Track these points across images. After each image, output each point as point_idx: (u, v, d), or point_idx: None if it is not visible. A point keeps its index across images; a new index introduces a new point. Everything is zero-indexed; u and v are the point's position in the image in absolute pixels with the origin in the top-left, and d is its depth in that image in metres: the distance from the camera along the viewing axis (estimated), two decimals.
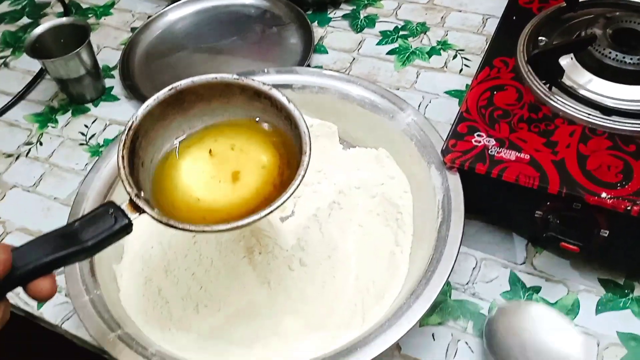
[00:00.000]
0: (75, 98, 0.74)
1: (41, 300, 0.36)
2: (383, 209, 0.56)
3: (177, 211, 0.41)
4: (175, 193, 0.42)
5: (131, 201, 0.38)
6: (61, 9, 0.88)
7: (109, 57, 0.79)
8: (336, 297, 0.51)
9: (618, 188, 0.45)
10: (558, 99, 0.52)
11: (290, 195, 0.38)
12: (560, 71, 0.53)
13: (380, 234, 0.54)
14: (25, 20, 0.89)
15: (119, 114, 0.72)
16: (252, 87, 0.43)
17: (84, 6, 0.88)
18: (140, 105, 0.72)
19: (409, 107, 0.56)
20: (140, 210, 0.38)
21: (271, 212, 0.38)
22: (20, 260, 0.34)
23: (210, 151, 0.44)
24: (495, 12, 0.73)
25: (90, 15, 0.87)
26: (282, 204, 0.38)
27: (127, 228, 0.38)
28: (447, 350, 0.49)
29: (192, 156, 0.44)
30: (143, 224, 0.55)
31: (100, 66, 0.75)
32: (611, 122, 0.50)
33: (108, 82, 0.76)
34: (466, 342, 0.49)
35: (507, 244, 0.54)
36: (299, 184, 0.39)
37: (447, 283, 0.52)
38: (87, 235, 0.36)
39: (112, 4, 0.88)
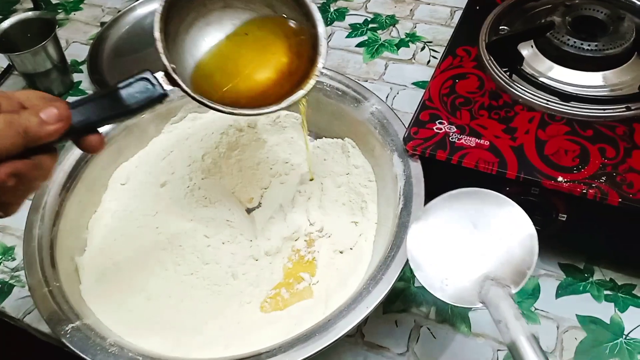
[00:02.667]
0: None
1: (91, 152, 0.40)
2: (348, 199, 0.56)
3: (196, 82, 0.44)
4: (198, 69, 0.45)
5: (167, 74, 0.40)
6: (31, 5, 0.87)
7: (78, 51, 0.79)
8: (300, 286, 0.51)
9: (574, 172, 0.46)
10: (518, 87, 0.52)
11: (296, 99, 0.43)
12: (520, 58, 0.53)
13: (345, 223, 0.55)
14: None
15: None
16: None
17: (54, 1, 0.88)
18: None
19: (373, 96, 0.56)
20: (174, 83, 0.40)
21: (281, 108, 0.43)
22: (75, 118, 0.37)
23: (227, 35, 0.46)
24: (464, 4, 0.74)
25: (60, 10, 0.86)
26: (294, 102, 0.43)
27: (163, 97, 0.40)
28: (409, 336, 0.49)
29: (210, 36, 0.46)
30: (106, 216, 0.55)
31: (69, 61, 0.74)
32: (569, 107, 0.50)
33: (76, 77, 0.75)
34: (428, 328, 0.49)
35: None
36: (312, 85, 0.43)
37: (410, 270, 0.52)
38: (129, 100, 0.39)
39: None
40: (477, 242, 0.42)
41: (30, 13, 0.72)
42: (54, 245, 0.50)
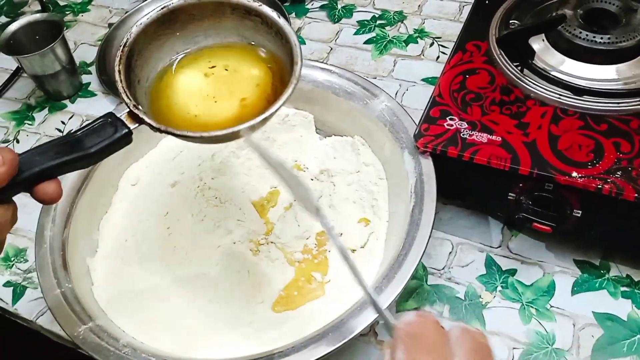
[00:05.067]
0: (52, 94, 0.73)
1: (48, 202, 0.37)
2: (359, 197, 0.55)
3: (175, 127, 0.41)
4: (171, 111, 0.42)
5: (130, 112, 0.39)
6: (39, 7, 0.88)
7: (86, 53, 0.79)
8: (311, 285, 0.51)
9: (589, 167, 0.45)
10: (530, 81, 0.51)
11: (285, 101, 0.39)
12: (531, 52, 0.52)
13: (355, 221, 0.54)
14: (3, 19, 0.88)
15: (95, 109, 0.71)
16: (242, 4, 0.43)
17: (62, 3, 0.88)
18: (117, 101, 0.72)
19: (382, 93, 0.56)
20: (139, 120, 0.39)
21: (268, 117, 0.39)
22: (26, 165, 0.35)
23: (204, 73, 0.44)
24: None
25: (67, 12, 0.86)
26: (278, 108, 0.39)
27: (127, 137, 0.38)
28: None
29: (187, 77, 0.44)
30: (117, 217, 0.55)
31: (77, 62, 0.75)
32: (582, 102, 0.49)
33: (85, 78, 0.75)
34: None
35: (482, 228, 0.54)
36: (292, 91, 0.39)
37: (423, 268, 0.52)
38: (89, 143, 0.37)
39: (90, 1, 0.87)
40: None
41: (37, 15, 0.72)
42: (65, 247, 0.50)
